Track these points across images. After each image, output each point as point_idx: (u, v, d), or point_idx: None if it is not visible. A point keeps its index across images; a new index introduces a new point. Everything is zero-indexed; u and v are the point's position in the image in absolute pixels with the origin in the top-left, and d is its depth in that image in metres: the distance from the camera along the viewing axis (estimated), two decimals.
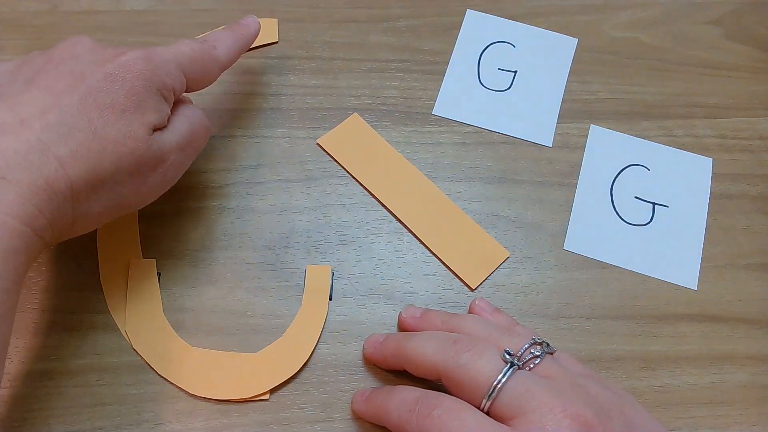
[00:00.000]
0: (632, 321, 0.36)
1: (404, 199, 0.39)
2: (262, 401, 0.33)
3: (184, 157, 0.33)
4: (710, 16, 0.46)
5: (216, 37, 0.35)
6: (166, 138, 0.31)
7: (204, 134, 0.34)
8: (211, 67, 0.34)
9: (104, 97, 0.29)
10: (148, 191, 0.32)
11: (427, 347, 0.31)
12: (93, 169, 0.28)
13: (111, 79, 0.29)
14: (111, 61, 0.30)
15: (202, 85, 0.34)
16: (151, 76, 0.30)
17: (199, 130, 0.33)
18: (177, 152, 0.32)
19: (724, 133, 0.42)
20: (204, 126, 0.34)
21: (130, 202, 0.32)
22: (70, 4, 0.44)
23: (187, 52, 0.33)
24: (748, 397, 0.35)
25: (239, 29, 0.37)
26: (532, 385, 0.28)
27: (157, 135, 0.31)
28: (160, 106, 0.31)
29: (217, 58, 0.34)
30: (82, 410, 0.33)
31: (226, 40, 0.35)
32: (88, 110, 0.28)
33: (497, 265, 0.37)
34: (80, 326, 0.35)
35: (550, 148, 0.41)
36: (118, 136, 0.29)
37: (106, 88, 0.29)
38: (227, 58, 0.35)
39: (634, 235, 0.39)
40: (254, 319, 0.35)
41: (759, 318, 0.37)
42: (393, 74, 0.43)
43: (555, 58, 0.44)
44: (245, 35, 0.37)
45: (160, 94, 0.31)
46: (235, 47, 0.36)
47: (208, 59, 0.34)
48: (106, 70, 0.29)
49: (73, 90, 0.28)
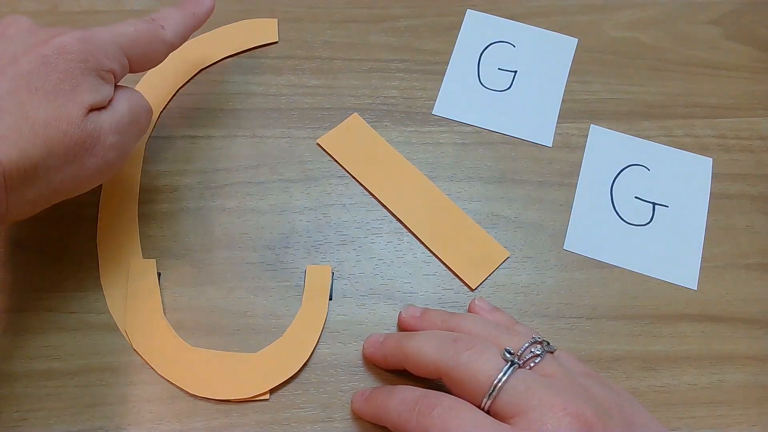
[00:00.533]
0: (632, 321, 0.36)
1: (404, 199, 0.39)
2: (262, 401, 0.33)
3: (125, 138, 0.31)
4: (710, 16, 0.46)
5: (164, 15, 0.34)
6: (103, 118, 0.30)
7: (145, 116, 0.33)
8: (157, 48, 0.33)
9: (36, 80, 0.28)
10: (87, 176, 0.30)
11: (427, 346, 0.31)
12: (24, 153, 0.27)
13: (44, 62, 0.28)
14: (46, 42, 0.29)
15: (147, 66, 0.33)
16: (87, 57, 0.29)
17: (139, 110, 0.32)
18: (115, 133, 0.31)
19: (724, 133, 0.42)
20: (144, 107, 0.33)
21: (67, 187, 0.30)
22: (70, 4, 0.44)
23: (129, 33, 0.32)
24: (748, 397, 0.35)
25: (190, 5, 0.35)
26: (532, 384, 0.28)
27: (93, 115, 0.30)
28: (98, 86, 0.30)
29: (164, 38, 0.33)
30: (82, 410, 0.33)
31: (174, 19, 0.34)
32: (18, 93, 0.28)
33: (497, 265, 0.37)
34: (80, 326, 0.35)
35: (550, 148, 0.41)
36: (50, 118, 0.28)
37: (38, 70, 0.28)
38: (175, 38, 0.34)
39: (634, 235, 0.39)
40: (254, 319, 0.35)
41: (759, 318, 0.37)
42: (393, 74, 0.43)
43: (555, 58, 0.44)
44: (197, 13, 0.35)
45: (98, 75, 0.30)
46: (185, 26, 0.35)
47: (154, 39, 0.33)
48: (40, 52, 0.28)
49: (4, 72, 0.28)
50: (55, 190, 0.30)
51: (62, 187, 0.30)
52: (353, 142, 0.40)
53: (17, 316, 0.35)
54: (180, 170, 0.39)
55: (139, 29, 0.32)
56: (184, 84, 0.41)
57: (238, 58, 0.42)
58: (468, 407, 0.28)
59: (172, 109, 0.41)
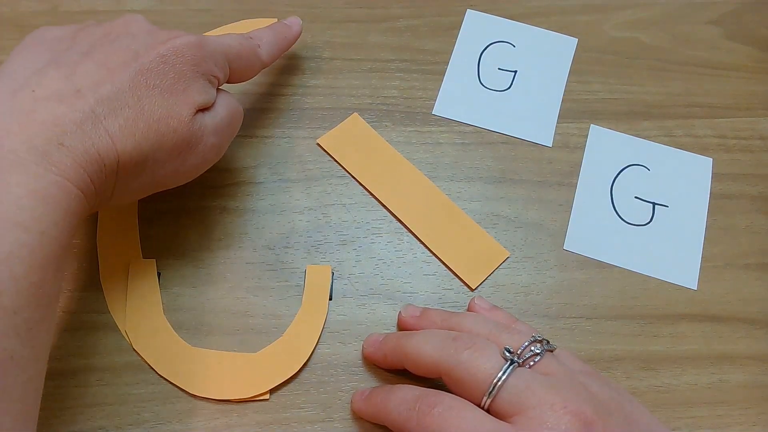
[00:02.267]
0: (632, 321, 0.36)
1: (404, 199, 0.39)
2: (262, 401, 0.33)
3: (221, 139, 0.33)
4: (710, 16, 0.46)
5: (261, 35, 0.37)
6: (207, 120, 0.32)
7: (239, 119, 0.35)
8: (253, 64, 0.36)
9: (154, 78, 0.30)
10: (186, 171, 0.33)
11: (426, 345, 0.31)
12: (138, 145, 0.29)
13: (163, 61, 0.30)
14: (164, 43, 0.31)
15: (243, 79, 0.36)
16: (200, 62, 0.31)
17: (235, 114, 0.34)
18: (215, 135, 0.33)
19: (724, 133, 0.42)
20: (239, 112, 0.35)
21: (167, 180, 0.32)
22: (70, 4, 0.44)
23: (235, 46, 0.34)
24: (748, 397, 0.35)
25: (283, 30, 0.38)
26: (532, 383, 0.28)
27: (199, 116, 0.31)
28: (206, 89, 0.32)
29: (261, 56, 0.36)
30: (82, 410, 0.33)
31: (269, 39, 0.37)
32: (138, 88, 0.29)
33: (497, 265, 0.37)
34: (80, 326, 0.35)
35: (550, 148, 0.41)
36: (163, 115, 0.30)
37: (157, 68, 0.30)
38: (269, 58, 0.37)
39: (634, 235, 0.39)
40: (254, 319, 0.35)
41: (759, 318, 0.37)
42: (393, 74, 0.43)
43: (555, 58, 0.44)
44: (287, 37, 0.39)
45: (207, 79, 0.32)
46: (278, 47, 0.38)
47: (252, 56, 0.35)
48: (159, 51, 0.30)
49: (127, 67, 0.29)
50: (156, 181, 0.32)
51: (163, 180, 0.32)
52: (353, 142, 0.40)
53: None
54: None
55: (243, 45, 0.35)
56: None
57: None
58: (468, 406, 0.28)
59: None
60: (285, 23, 0.39)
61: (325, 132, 0.41)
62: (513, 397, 0.27)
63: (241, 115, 0.35)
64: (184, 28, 0.42)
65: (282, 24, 0.39)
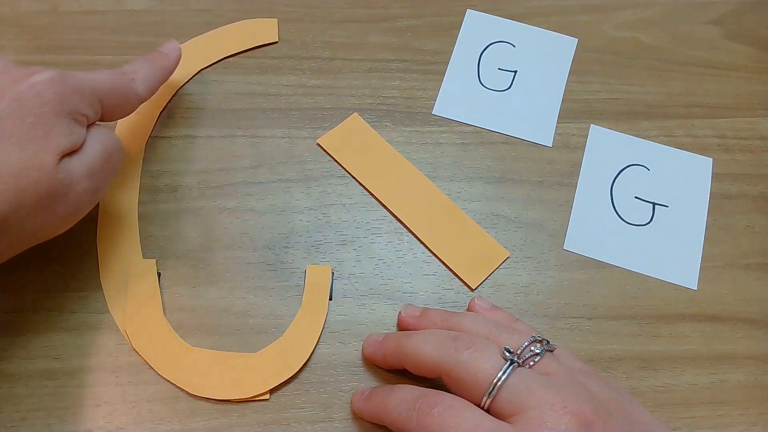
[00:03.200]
0: (632, 321, 0.36)
1: (404, 199, 0.39)
2: (262, 401, 0.33)
3: (97, 181, 0.31)
4: (710, 16, 0.46)
5: (136, 69, 0.34)
6: (74, 165, 0.29)
7: (118, 155, 0.32)
8: (129, 100, 0.33)
9: (11, 126, 0.27)
10: (59, 222, 0.30)
11: (426, 345, 0.31)
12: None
13: (18, 106, 0.27)
14: (18, 83, 0.28)
15: (118, 116, 0.33)
16: (63, 100, 0.28)
17: (111, 151, 0.31)
18: (89, 178, 0.30)
19: (724, 133, 0.42)
20: (117, 146, 0.32)
21: (39, 235, 0.30)
22: (70, 4, 0.44)
23: (106, 81, 0.31)
24: (748, 397, 0.35)
25: (158, 59, 0.36)
26: (532, 383, 0.28)
27: (65, 162, 0.29)
28: (71, 129, 0.29)
29: (136, 91, 0.34)
30: (82, 410, 0.33)
31: (145, 73, 0.34)
32: None
33: (497, 265, 0.37)
34: (80, 326, 0.35)
35: (550, 148, 0.41)
36: (22, 168, 0.27)
37: (12, 115, 0.27)
38: (146, 92, 0.34)
39: (634, 235, 0.39)
40: (254, 319, 0.35)
41: (759, 318, 0.37)
42: (393, 74, 0.43)
43: (555, 58, 0.44)
44: (165, 67, 0.36)
45: (72, 119, 0.29)
46: (155, 79, 0.35)
47: (127, 90, 0.33)
48: (13, 95, 0.27)
49: None
50: (25, 239, 0.29)
51: (33, 234, 0.30)
52: (353, 142, 0.40)
53: (17, 316, 0.35)
54: (180, 170, 0.39)
55: (115, 80, 0.32)
56: (184, 84, 0.41)
57: (238, 58, 0.43)
58: (468, 406, 0.28)
59: (172, 109, 0.41)
60: (161, 51, 0.36)
61: (325, 132, 0.41)
62: (513, 397, 0.27)
63: (122, 150, 0.33)
64: (184, 28, 0.43)
65: (158, 53, 0.36)
